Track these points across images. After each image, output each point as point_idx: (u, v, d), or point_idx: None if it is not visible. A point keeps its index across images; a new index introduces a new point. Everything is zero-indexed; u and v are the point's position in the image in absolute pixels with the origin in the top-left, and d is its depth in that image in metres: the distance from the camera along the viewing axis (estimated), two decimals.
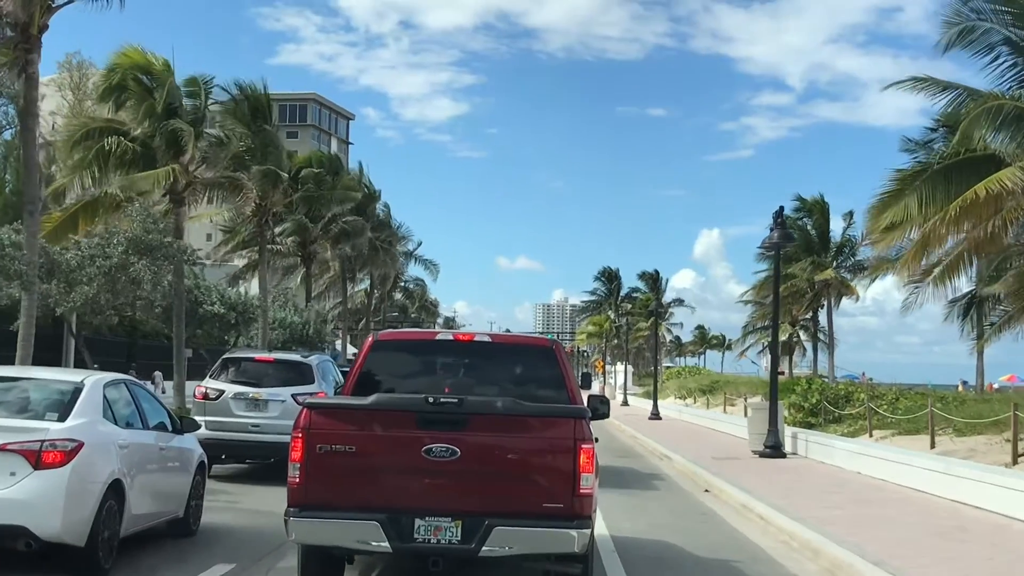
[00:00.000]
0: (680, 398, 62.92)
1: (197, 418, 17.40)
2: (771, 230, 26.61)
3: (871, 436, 26.90)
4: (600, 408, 10.73)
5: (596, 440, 8.77)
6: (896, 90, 23.54)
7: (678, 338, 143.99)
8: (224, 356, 20.34)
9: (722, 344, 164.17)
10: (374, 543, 8.40)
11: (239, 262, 42.60)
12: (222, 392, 18.61)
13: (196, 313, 29.73)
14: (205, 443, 16.04)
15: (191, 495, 12.19)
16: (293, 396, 18.07)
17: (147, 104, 25.84)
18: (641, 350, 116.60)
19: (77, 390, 10.02)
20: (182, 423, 12.50)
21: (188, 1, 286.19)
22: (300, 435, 8.51)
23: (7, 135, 29.99)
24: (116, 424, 10.39)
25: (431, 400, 8.60)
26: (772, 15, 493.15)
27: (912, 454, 20.33)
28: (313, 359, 19.88)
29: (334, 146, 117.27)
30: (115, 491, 9.80)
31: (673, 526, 14.84)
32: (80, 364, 27.19)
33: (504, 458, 8.58)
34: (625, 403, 70.58)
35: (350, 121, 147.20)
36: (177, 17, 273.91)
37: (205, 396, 18.68)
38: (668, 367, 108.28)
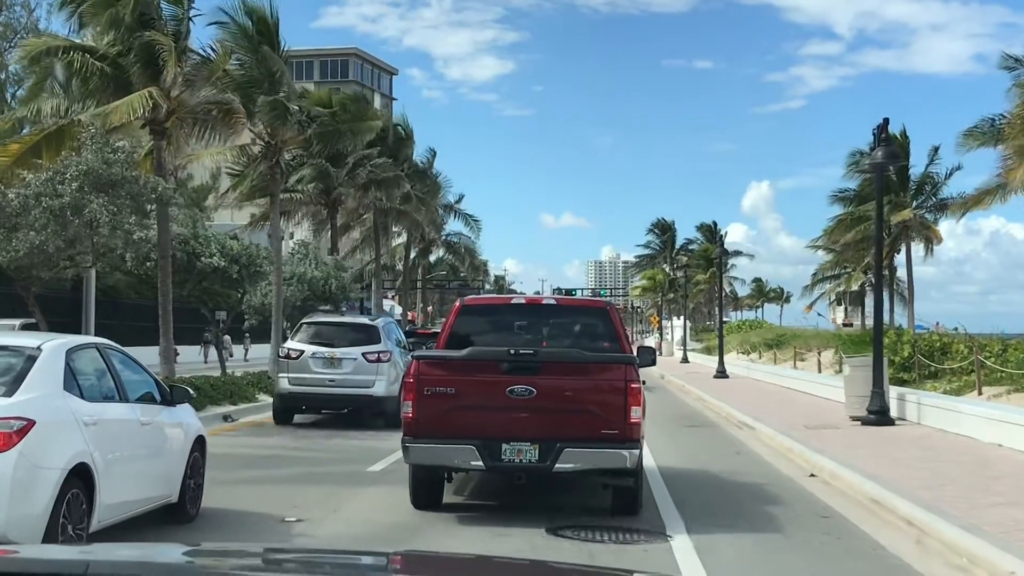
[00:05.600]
0: (744, 353, 58.05)
1: (281, 375, 21.12)
2: (871, 149, 21.90)
3: (980, 394, 22.52)
4: (647, 357, 13.02)
5: (644, 383, 10.94)
6: None
7: (734, 291, 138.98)
8: (302, 320, 23.16)
9: (780, 297, 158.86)
10: (471, 463, 10.51)
11: (253, 210, 38.40)
12: (302, 352, 20.91)
13: (193, 267, 25.52)
14: (288, 396, 20.80)
15: (187, 476, 10.45)
16: (363, 355, 20.73)
17: (110, 12, 21.28)
18: (698, 305, 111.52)
19: (31, 358, 8.37)
20: (173, 393, 10.57)
21: None
22: (412, 380, 10.65)
23: None
24: (83, 397, 8.69)
25: (512, 352, 10.67)
26: None
27: None
28: (379, 321, 22.63)
29: (377, 102, 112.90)
30: (81, 477, 8.23)
31: (786, 538, 10.47)
32: (66, 329, 23.15)
33: (571, 395, 10.66)
34: (685, 360, 65.56)
35: (393, 76, 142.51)
36: None
37: (287, 356, 21.09)
38: (726, 321, 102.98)
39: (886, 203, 51.99)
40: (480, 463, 10.47)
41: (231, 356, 57.37)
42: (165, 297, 22.80)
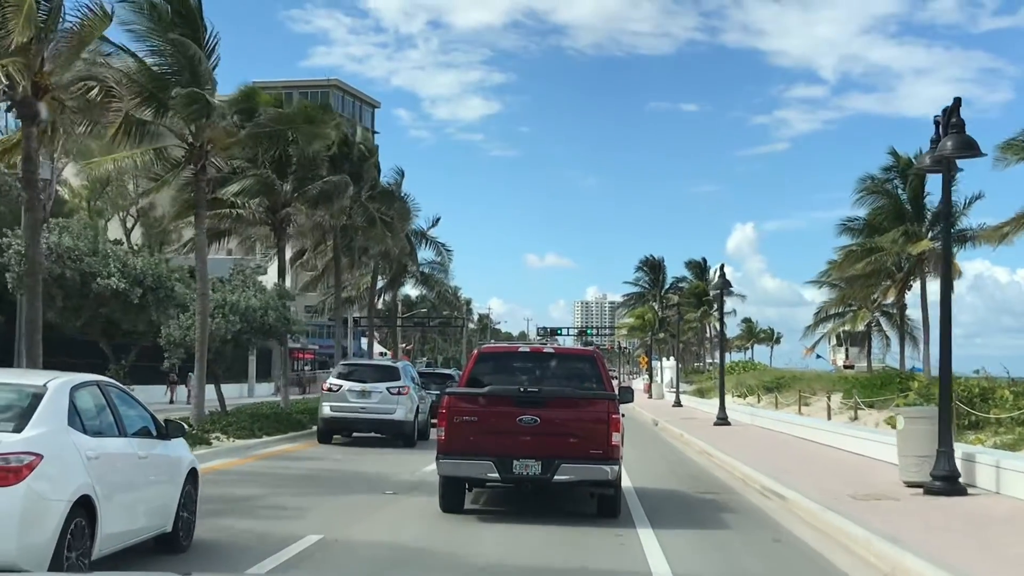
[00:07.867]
0: (740, 396, 53.14)
1: (324, 403, 26.57)
2: (932, 142, 17.24)
3: None
4: (625, 395, 15.05)
5: (623, 415, 14.32)
6: None
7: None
8: (341, 362, 30.42)
9: (771, 338, 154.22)
10: (489, 475, 13.51)
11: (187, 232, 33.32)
12: (341, 385, 26.49)
13: (89, 290, 20.62)
14: (331, 419, 26.47)
15: (180, 507, 10.61)
16: (387, 388, 26.41)
17: None
18: (687, 344, 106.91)
19: (37, 395, 8.58)
20: (168, 428, 10.66)
21: (217, 4, 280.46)
22: (444, 411, 13.84)
23: None
24: (86, 432, 8.89)
25: (522, 389, 13.97)
26: (803, 7, 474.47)
27: None
28: (399, 365, 29.33)
29: (359, 135, 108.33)
30: (84, 508, 8.39)
31: None
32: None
33: (567, 423, 13.82)
34: (678, 403, 60.16)
35: (375, 109, 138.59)
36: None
37: (330, 388, 26.63)
38: (712, 363, 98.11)
39: (899, 234, 47.63)
40: (496, 475, 13.45)
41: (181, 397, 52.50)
42: (32, 324, 17.68)
